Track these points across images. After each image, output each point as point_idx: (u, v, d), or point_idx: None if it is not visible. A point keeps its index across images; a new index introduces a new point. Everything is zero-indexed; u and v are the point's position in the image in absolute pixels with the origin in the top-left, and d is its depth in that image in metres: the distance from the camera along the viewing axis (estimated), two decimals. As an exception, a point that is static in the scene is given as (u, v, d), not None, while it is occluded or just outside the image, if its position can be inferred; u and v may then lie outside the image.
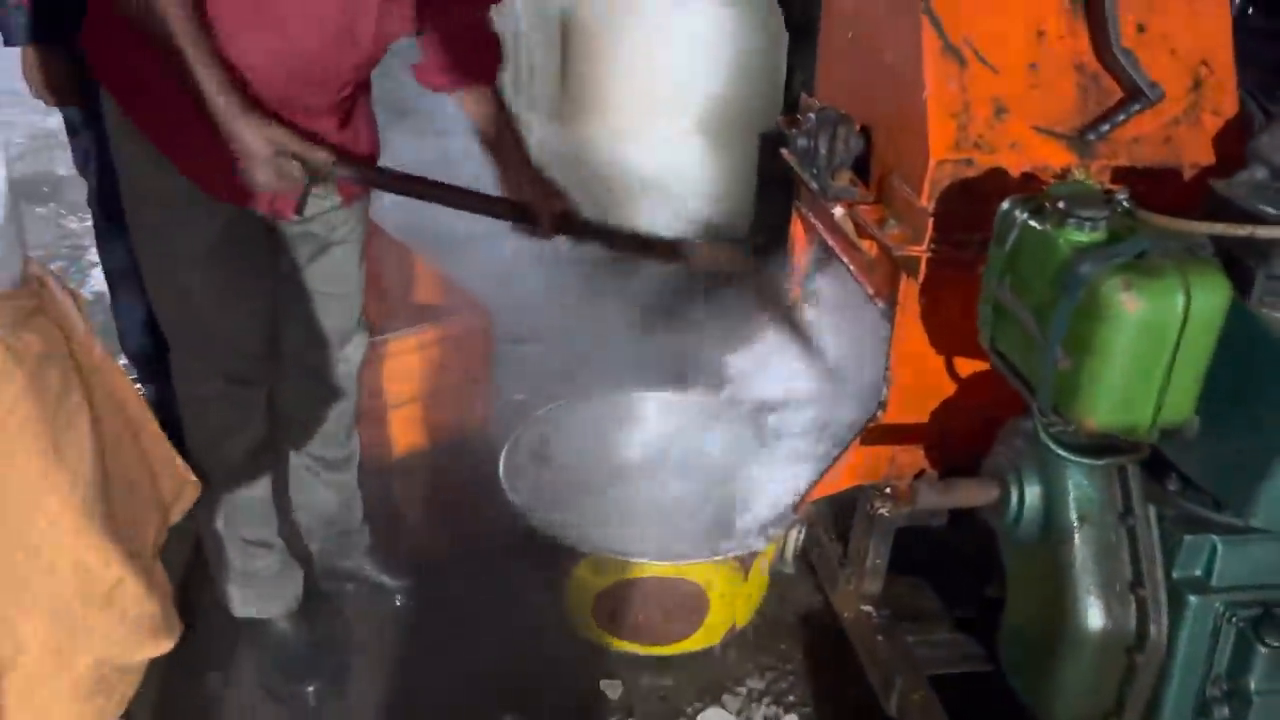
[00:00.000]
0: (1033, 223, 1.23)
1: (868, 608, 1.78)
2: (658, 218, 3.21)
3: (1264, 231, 1.13)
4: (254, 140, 1.37)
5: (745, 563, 1.80)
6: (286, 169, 1.41)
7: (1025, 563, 1.42)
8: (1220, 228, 1.15)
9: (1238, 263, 1.19)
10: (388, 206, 2.16)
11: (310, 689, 1.84)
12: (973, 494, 1.42)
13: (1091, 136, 1.51)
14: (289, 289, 1.72)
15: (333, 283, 1.76)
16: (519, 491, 1.90)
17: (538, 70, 3.31)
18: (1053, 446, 1.30)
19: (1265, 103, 1.57)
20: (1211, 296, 1.11)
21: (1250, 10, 2.37)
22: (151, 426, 1.11)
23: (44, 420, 0.89)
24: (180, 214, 1.54)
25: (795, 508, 1.75)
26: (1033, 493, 1.37)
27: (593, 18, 3.05)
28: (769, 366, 1.97)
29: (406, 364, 2.34)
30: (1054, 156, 1.49)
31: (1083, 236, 1.17)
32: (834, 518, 1.96)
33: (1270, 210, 1.19)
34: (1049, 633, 1.36)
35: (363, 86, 1.64)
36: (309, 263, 1.71)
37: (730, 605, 1.87)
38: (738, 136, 3.11)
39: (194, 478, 1.20)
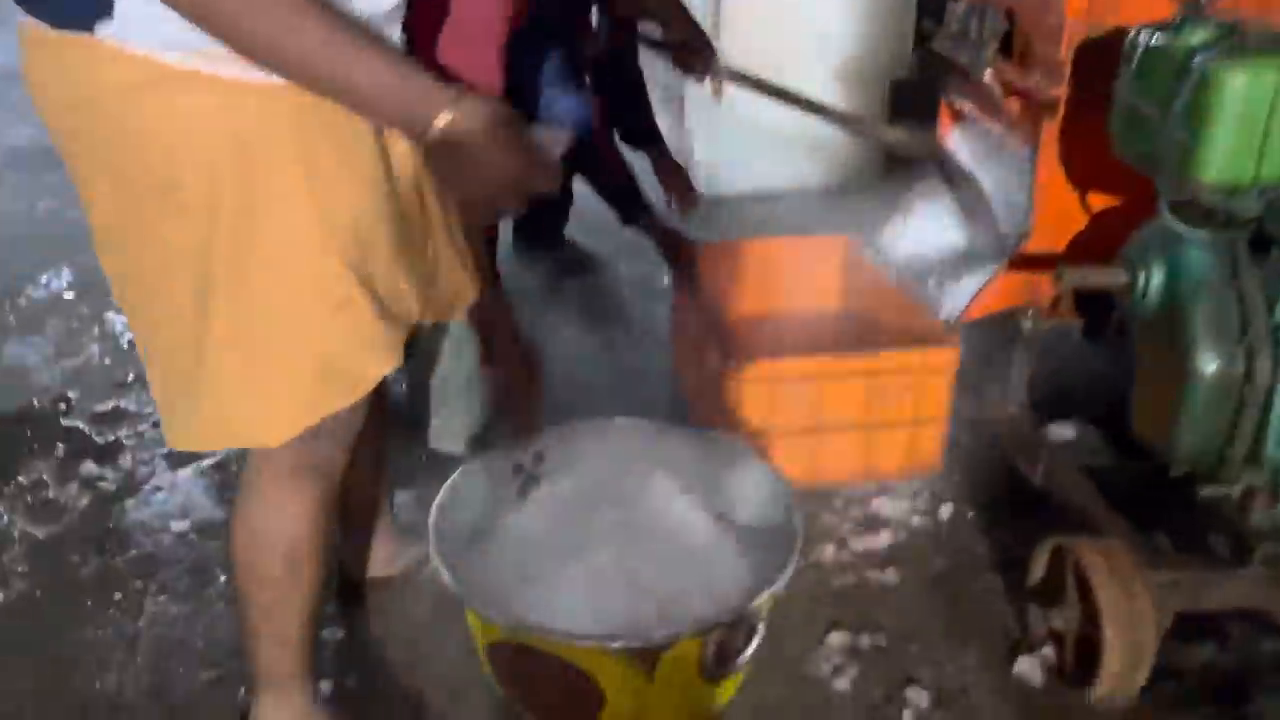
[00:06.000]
0: (1158, 37, 1.60)
1: (1014, 409, 2.13)
2: (801, 164, 3.66)
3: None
4: None
5: (645, 659, 1.47)
6: None
7: (1150, 332, 1.76)
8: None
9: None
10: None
11: None
12: (1105, 277, 1.77)
13: (1201, -4, 1.86)
14: None
15: None
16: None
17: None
18: (1177, 226, 1.66)
19: None
20: (1300, 72, 1.46)
21: None
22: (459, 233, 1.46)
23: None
24: None
25: (952, 324, 2.11)
26: (1158, 271, 1.70)
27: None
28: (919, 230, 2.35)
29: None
30: (1166, 14, 1.85)
31: (1195, 39, 1.54)
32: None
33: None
34: (1173, 384, 1.70)
35: None
36: None
37: (635, 710, 1.53)
38: (872, 84, 3.54)
39: (478, 282, 1.54)
